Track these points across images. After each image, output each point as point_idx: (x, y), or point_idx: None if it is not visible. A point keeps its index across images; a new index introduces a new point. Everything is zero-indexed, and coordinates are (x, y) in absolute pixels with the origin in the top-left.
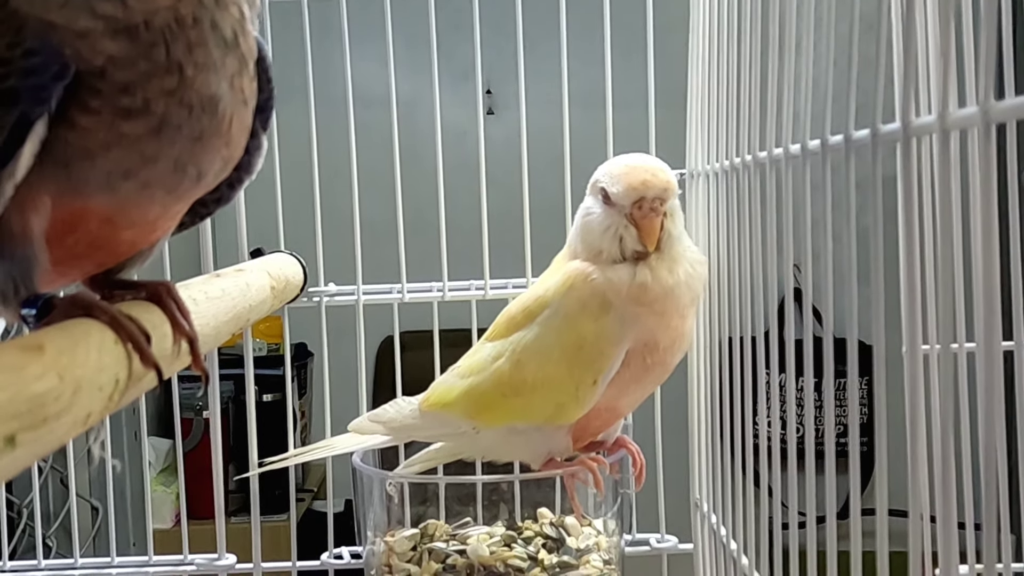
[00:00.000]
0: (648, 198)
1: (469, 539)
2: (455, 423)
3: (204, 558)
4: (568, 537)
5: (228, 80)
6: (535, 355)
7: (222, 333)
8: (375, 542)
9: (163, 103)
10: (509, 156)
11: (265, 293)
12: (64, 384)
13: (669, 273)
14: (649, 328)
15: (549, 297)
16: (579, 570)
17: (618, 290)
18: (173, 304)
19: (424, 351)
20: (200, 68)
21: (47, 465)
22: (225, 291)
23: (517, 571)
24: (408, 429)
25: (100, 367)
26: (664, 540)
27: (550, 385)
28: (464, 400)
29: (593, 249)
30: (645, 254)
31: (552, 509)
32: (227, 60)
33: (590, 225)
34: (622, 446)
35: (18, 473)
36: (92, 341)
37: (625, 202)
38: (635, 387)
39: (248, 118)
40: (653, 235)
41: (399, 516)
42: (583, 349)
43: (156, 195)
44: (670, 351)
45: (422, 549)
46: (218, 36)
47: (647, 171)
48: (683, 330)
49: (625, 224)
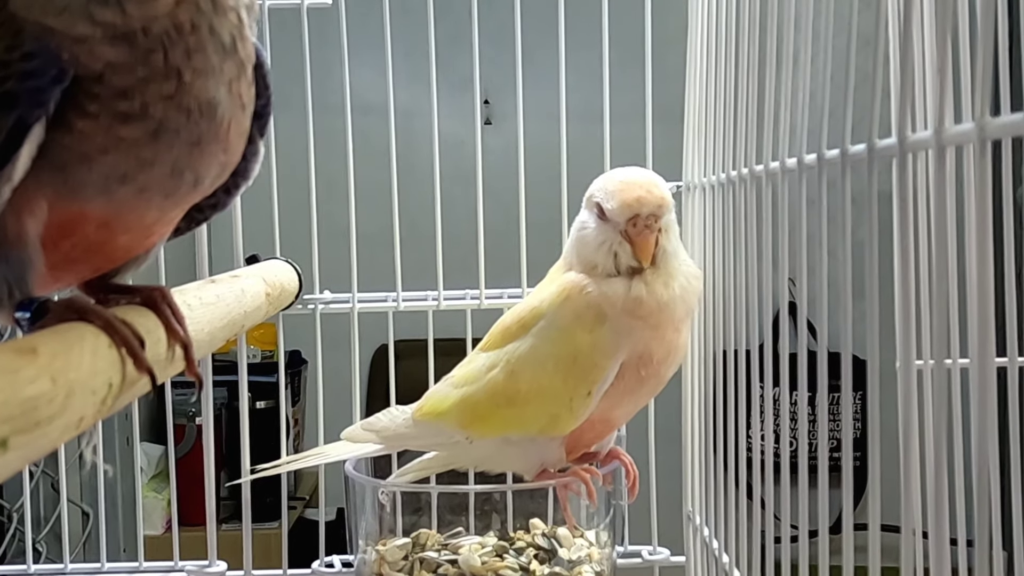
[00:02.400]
0: (643, 215)
1: (461, 549)
2: (448, 433)
3: (195, 565)
4: (560, 548)
5: (226, 85)
6: (530, 366)
7: (216, 339)
8: (367, 551)
9: (161, 108)
10: (506, 166)
11: (260, 299)
12: (57, 388)
13: (664, 288)
14: (643, 341)
15: (544, 308)
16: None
17: (613, 303)
18: (168, 309)
19: (418, 360)
20: (198, 73)
21: (38, 470)
22: (220, 297)
23: None
24: (401, 438)
25: (94, 371)
26: (656, 552)
27: (544, 396)
28: (458, 410)
29: (588, 263)
30: (640, 269)
31: (544, 520)
32: (225, 65)
33: (585, 239)
34: (615, 457)
35: (10, 477)
36: (86, 345)
37: (620, 219)
38: (629, 399)
39: (246, 123)
40: (648, 252)
41: (391, 525)
42: (577, 361)
43: (153, 200)
44: (664, 364)
45: (414, 558)
46: (216, 42)
47: (642, 187)
48: (677, 343)
49: (620, 240)
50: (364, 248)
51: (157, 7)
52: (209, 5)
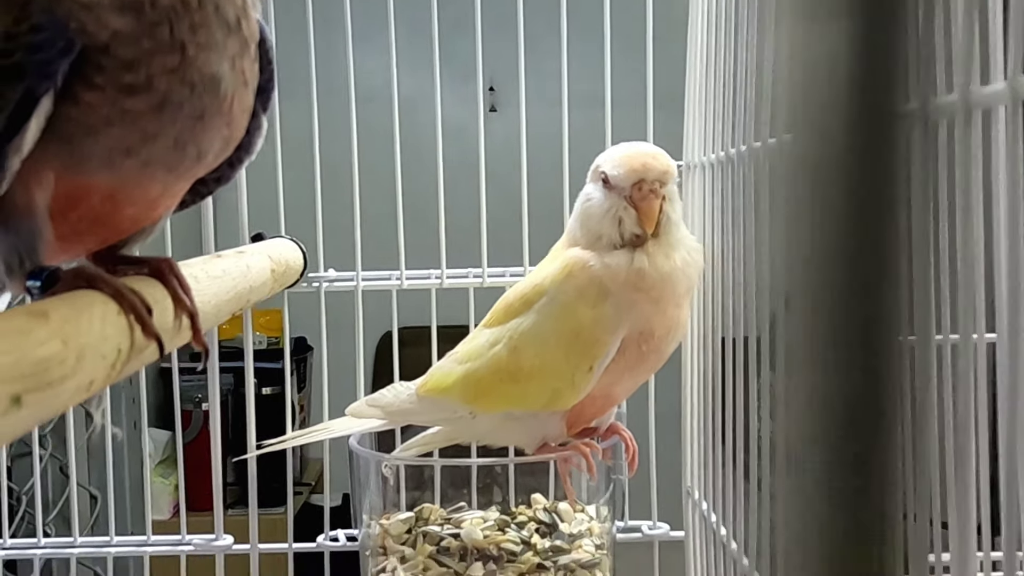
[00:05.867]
0: (648, 180)
1: (463, 523)
2: (452, 408)
3: (202, 538)
4: (561, 522)
5: (230, 61)
6: (532, 342)
7: (223, 312)
8: (371, 524)
9: (165, 81)
10: (510, 152)
11: (266, 275)
12: (68, 350)
13: (666, 259)
14: (645, 316)
15: (547, 285)
16: (571, 555)
17: (615, 276)
18: (175, 280)
19: (422, 347)
20: (202, 48)
21: (47, 453)
22: (226, 271)
23: (510, 555)
24: (405, 413)
25: (103, 336)
26: (656, 527)
27: (546, 372)
28: (461, 385)
29: (592, 234)
30: (643, 240)
31: (546, 495)
32: (229, 42)
33: (590, 210)
34: (615, 432)
35: (24, 434)
36: (96, 311)
37: (625, 184)
38: (630, 375)
39: (249, 99)
40: (652, 217)
41: (395, 499)
42: (580, 336)
43: (157, 173)
44: (665, 340)
45: (417, 532)
46: (221, 18)
47: (647, 155)
48: (679, 319)
49: (625, 206)
50: (368, 229)
51: None
52: None
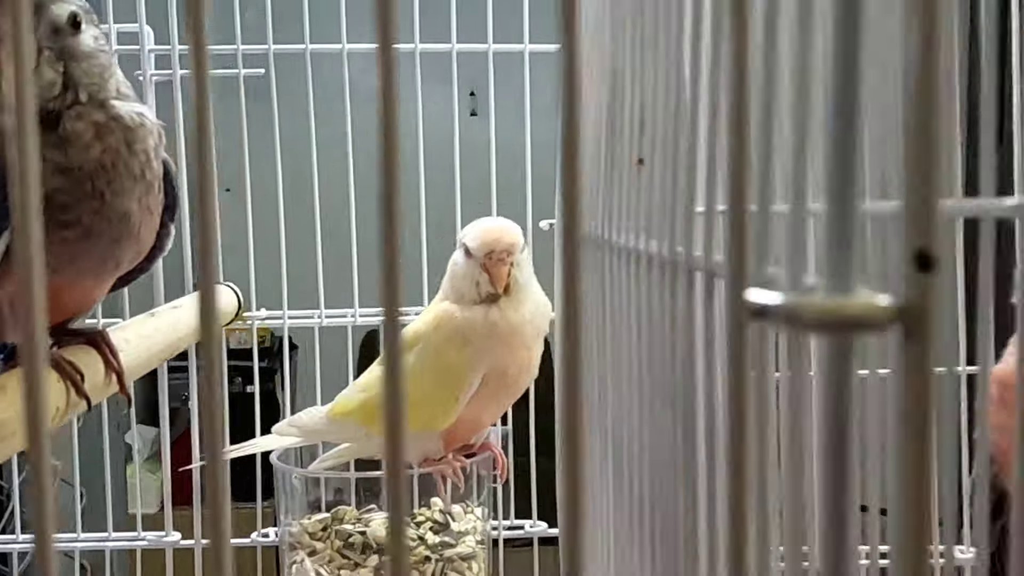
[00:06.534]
0: (497, 250)
1: (372, 522)
2: (354, 428)
3: (154, 535)
4: (453, 522)
5: (137, 201)
6: (412, 377)
7: (153, 362)
8: (290, 524)
9: (90, 218)
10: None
11: (194, 326)
12: (19, 413)
13: (515, 312)
14: (500, 357)
15: (422, 332)
16: (456, 548)
17: (474, 326)
18: (106, 348)
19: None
20: (116, 194)
21: None
22: (157, 329)
23: None
24: (318, 433)
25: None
26: (536, 525)
27: (423, 401)
28: (360, 410)
29: (457, 292)
30: (497, 297)
31: (443, 500)
32: (136, 188)
33: (456, 272)
34: (488, 448)
35: None
36: None
37: (479, 254)
38: (492, 403)
39: (155, 222)
40: (501, 280)
41: (313, 503)
42: (448, 373)
43: (87, 278)
44: (518, 377)
45: (332, 529)
46: (129, 172)
47: (499, 230)
48: (530, 359)
49: (480, 271)
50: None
51: (89, 153)
52: (125, 149)
